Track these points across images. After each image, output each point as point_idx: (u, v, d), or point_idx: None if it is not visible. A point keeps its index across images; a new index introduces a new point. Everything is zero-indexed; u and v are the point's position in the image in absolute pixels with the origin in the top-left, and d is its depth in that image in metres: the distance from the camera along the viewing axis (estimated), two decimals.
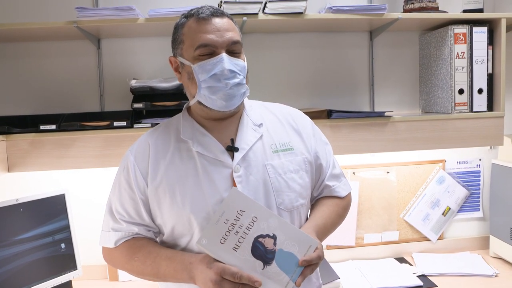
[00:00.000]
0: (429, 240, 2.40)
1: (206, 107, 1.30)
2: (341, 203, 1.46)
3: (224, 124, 1.34)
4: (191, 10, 1.30)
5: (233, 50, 1.27)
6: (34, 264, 1.84)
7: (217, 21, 1.26)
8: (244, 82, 1.30)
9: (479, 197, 2.45)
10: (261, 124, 1.37)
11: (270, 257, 1.16)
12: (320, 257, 1.19)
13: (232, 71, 1.25)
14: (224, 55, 1.25)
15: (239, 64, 1.28)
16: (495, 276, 2.09)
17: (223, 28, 1.26)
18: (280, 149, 1.35)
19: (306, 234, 1.20)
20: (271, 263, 1.16)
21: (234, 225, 1.17)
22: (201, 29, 1.25)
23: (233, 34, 1.27)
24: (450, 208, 2.40)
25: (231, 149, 1.30)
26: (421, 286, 2.01)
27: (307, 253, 1.18)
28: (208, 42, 1.24)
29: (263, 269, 1.16)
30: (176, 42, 1.32)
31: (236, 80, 1.26)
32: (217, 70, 1.24)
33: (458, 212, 2.43)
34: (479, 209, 2.46)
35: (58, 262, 1.92)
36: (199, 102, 1.30)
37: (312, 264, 1.18)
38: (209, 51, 1.25)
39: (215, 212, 1.18)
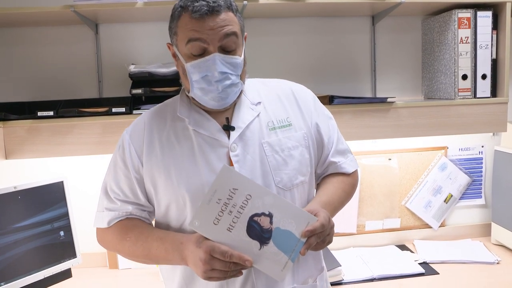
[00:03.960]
0: (430, 227, 2.39)
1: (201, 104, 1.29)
2: (347, 180, 1.43)
3: None
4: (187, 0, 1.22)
5: (227, 45, 1.21)
6: (33, 252, 1.83)
7: (211, 20, 1.18)
8: (238, 80, 1.25)
9: (481, 184, 2.44)
10: (259, 102, 1.35)
11: (267, 237, 1.13)
12: (324, 225, 1.16)
13: (223, 73, 1.21)
14: (216, 55, 1.19)
15: (233, 62, 1.23)
16: (497, 263, 2.08)
17: (218, 26, 1.19)
18: (277, 126, 1.32)
19: (304, 211, 1.17)
20: (268, 242, 1.13)
21: (227, 205, 1.13)
22: (193, 26, 1.19)
23: (229, 27, 1.20)
24: (452, 195, 2.39)
25: (228, 128, 1.28)
26: (422, 274, 2.00)
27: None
28: (198, 36, 1.18)
29: (260, 249, 1.13)
30: (171, 31, 1.28)
31: (228, 82, 1.22)
32: (208, 72, 1.21)
33: (460, 199, 2.42)
34: (481, 196, 2.44)
35: (57, 250, 1.91)
36: (193, 98, 1.29)
37: (317, 234, 1.15)
38: (201, 49, 1.20)
39: (207, 191, 1.15)
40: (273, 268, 1.13)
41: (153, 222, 1.39)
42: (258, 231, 1.13)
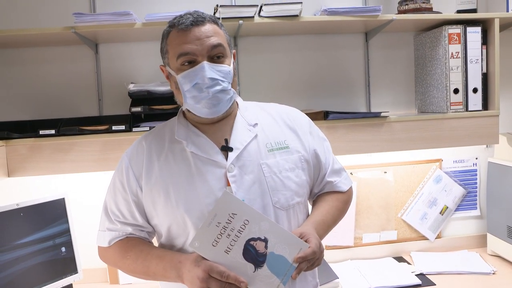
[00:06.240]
0: (427, 239, 2.41)
1: (195, 114, 1.32)
2: (342, 197, 1.47)
3: (218, 126, 1.36)
4: (174, 18, 1.31)
5: (215, 55, 1.28)
6: (35, 268, 1.85)
7: (197, 30, 1.26)
8: (229, 87, 1.30)
9: (476, 195, 2.47)
10: (256, 124, 1.38)
11: (261, 260, 1.18)
12: (315, 253, 1.21)
13: (213, 79, 1.25)
14: (205, 63, 1.25)
15: (222, 70, 1.28)
16: (493, 273, 2.10)
17: (204, 36, 1.26)
18: (275, 148, 1.35)
19: (297, 237, 1.22)
20: (262, 266, 1.18)
21: (226, 228, 1.18)
22: (181, 40, 1.26)
23: (215, 38, 1.27)
24: (447, 207, 2.42)
25: (226, 149, 1.31)
26: (419, 285, 2.02)
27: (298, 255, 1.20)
28: (187, 51, 1.25)
29: (254, 272, 1.18)
30: (162, 51, 1.35)
31: (218, 88, 1.26)
32: (198, 80, 1.25)
33: (455, 210, 2.44)
34: (476, 207, 2.47)
35: (59, 266, 1.93)
36: (188, 110, 1.33)
37: (308, 260, 1.20)
38: (190, 59, 1.26)
39: (207, 215, 1.19)
40: None
41: (153, 241, 1.42)
42: (254, 254, 1.18)
